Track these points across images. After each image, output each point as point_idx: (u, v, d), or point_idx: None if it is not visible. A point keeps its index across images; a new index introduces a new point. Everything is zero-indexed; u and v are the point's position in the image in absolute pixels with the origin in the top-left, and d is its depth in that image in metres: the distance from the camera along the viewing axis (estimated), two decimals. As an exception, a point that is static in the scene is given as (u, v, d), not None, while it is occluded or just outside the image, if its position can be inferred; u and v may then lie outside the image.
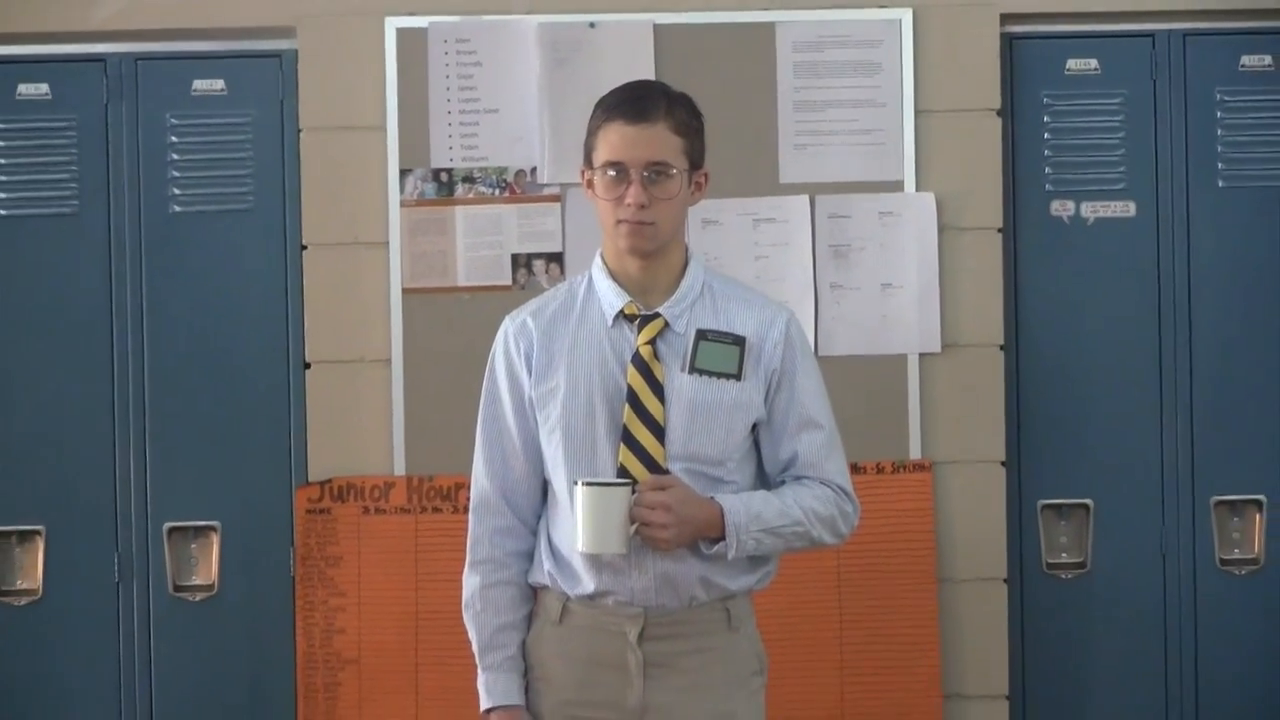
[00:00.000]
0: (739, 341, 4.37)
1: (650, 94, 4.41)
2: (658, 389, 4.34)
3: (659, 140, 4.32)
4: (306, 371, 5.61)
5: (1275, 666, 5.66)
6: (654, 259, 4.36)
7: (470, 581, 4.43)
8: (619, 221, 4.31)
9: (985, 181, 5.64)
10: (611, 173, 4.30)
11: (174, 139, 5.65)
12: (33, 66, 5.67)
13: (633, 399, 4.33)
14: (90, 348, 5.63)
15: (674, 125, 4.34)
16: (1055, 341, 5.71)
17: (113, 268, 5.64)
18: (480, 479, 4.44)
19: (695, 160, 4.36)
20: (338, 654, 5.53)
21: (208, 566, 5.64)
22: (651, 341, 4.34)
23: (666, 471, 4.27)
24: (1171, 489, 5.70)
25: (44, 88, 5.66)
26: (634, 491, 4.19)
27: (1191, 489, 5.70)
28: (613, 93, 4.44)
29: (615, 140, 4.31)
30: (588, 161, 4.39)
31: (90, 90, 5.66)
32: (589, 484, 4.17)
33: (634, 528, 4.18)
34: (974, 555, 5.62)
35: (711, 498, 4.27)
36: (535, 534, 4.45)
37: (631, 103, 4.36)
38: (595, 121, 4.38)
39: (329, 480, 5.55)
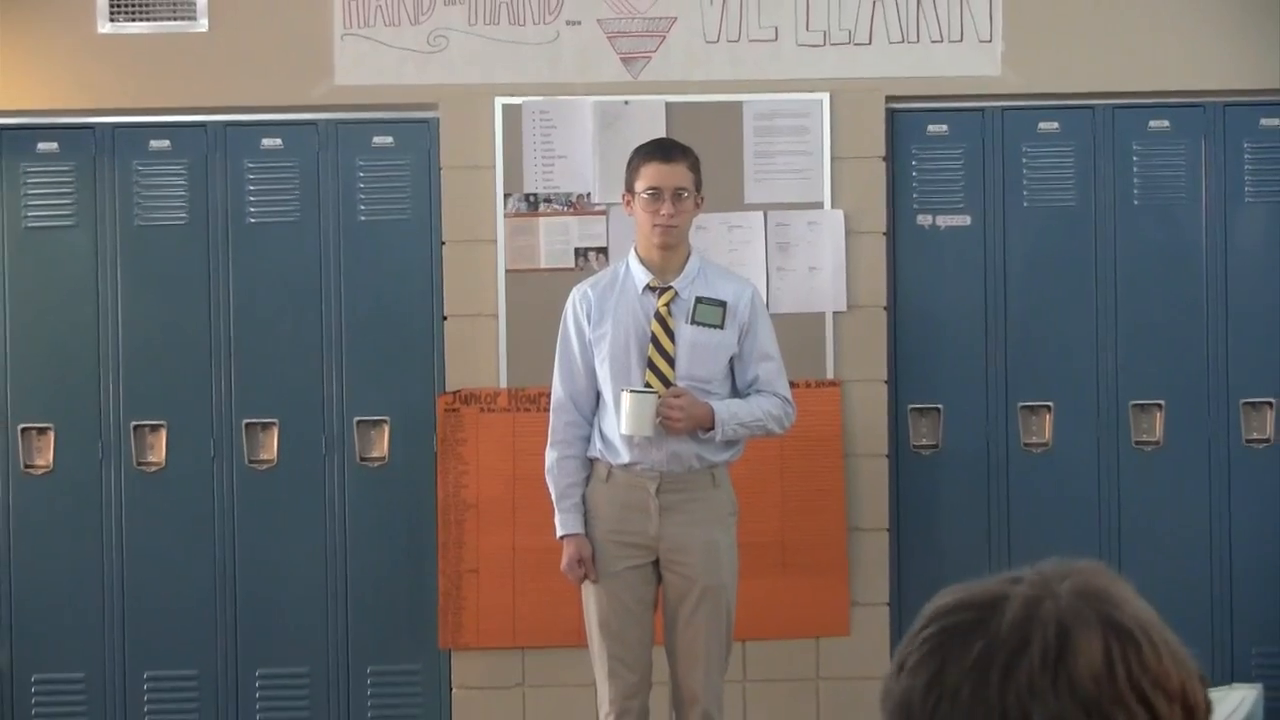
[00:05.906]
0: (722, 304, 4.42)
1: (675, 144, 4.45)
2: (670, 335, 4.39)
3: (681, 174, 4.34)
4: (445, 321, 5.55)
5: (1059, 516, 5.63)
6: (671, 251, 4.36)
7: (550, 455, 4.54)
8: (655, 225, 4.31)
9: (875, 202, 5.57)
10: (651, 194, 4.29)
11: (360, 174, 5.58)
12: (269, 128, 5.59)
13: (654, 341, 4.38)
14: (307, 305, 5.57)
15: (689, 165, 4.37)
16: (919, 304, 5.64)
17: (321, 255, 5.58)
18: (557, 389, 4.51)
19: (697, 188, 4.35)
20: (464, 501, 5.49)
21: (382, 445, 5.59)
22: (667, 305, 4.38)
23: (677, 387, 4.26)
24: (993, 398, 5.64)
25: (278, 141, 5.59)
26: (659, 397, 4.19)
27: (1005, 398, 5.64)
28: (648, 143, 4.47)
29: (654, 173, 4.31)
30: (628, 188, 4.38)
31: (307, 142, 5.59)
32: (632, 391, 4.21)
33: (658, 419, 4.18)
34: (866, 439, 5.57)
35: (706, 402, 4.25)
36: (591, 425, 4.47)
37: (664, 149, 4.38)
38: (636, 161, 4.39)
39: (459, 390, 5.51)
